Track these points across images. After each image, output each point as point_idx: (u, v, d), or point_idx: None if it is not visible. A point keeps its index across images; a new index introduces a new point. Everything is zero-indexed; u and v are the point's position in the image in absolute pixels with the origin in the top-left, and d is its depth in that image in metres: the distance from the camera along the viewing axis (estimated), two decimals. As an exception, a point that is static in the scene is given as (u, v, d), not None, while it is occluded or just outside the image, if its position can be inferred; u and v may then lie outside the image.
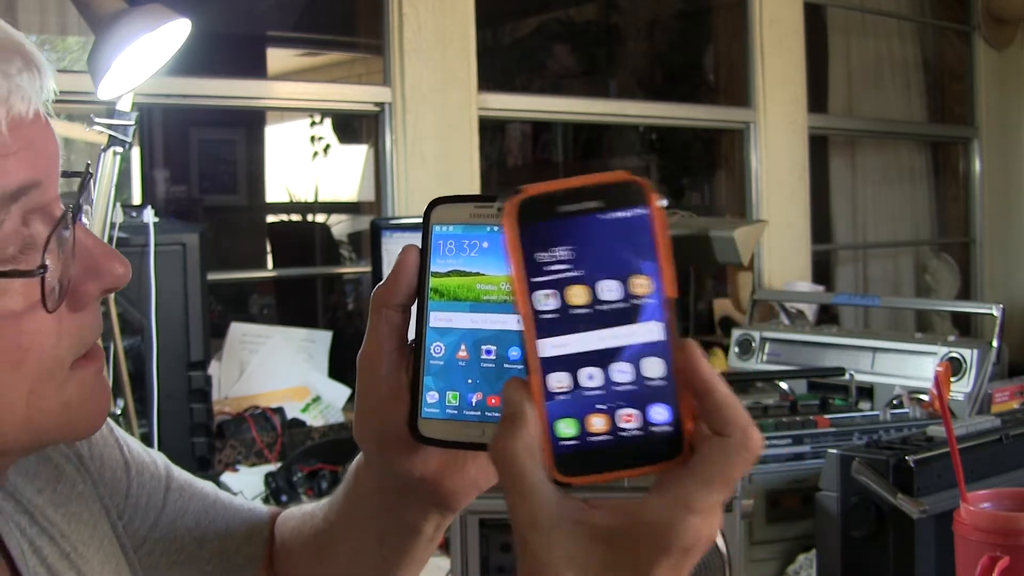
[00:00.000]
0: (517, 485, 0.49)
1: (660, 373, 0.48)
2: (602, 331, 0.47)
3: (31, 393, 0.60)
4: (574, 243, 0.47)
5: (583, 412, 0.48)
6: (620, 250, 0.47)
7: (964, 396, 1.99)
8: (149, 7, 1.59)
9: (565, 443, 0.48)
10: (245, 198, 5.04)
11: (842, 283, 4.22)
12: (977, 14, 4.30)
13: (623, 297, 0.47)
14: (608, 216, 0.47)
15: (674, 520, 0.48)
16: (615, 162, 5.29)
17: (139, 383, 1.84)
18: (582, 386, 0.48)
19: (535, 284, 0.47)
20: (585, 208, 0.47)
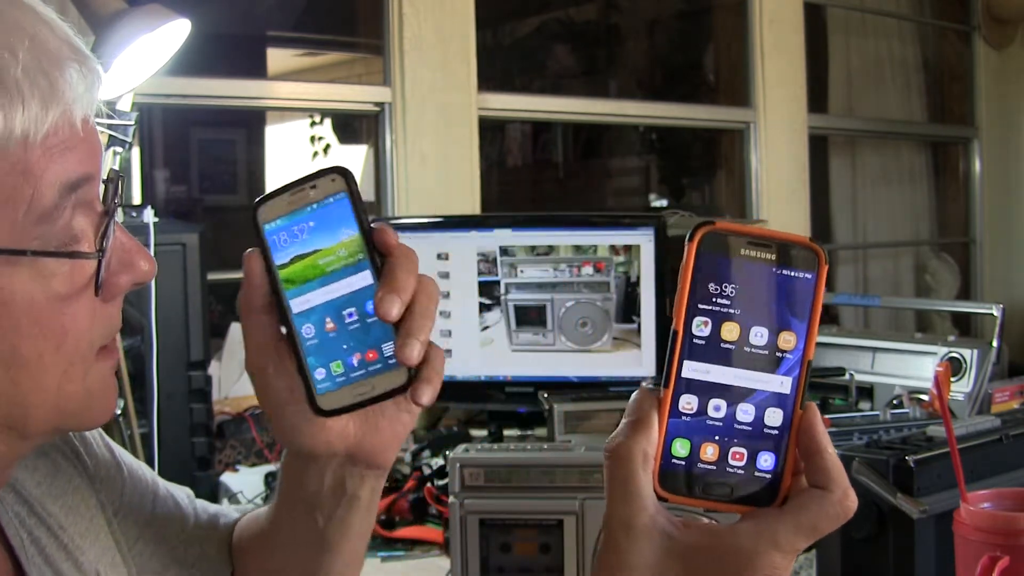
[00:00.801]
0: (624, 486, 0.51)
1: (778, 424, 0.51)
2: (741, 370, 0.50)
3: (63, 375, 0.62)
4: (742, 284, 0.50)
5: (700, 437, 0.51)
6: (780, 303, 0.50)
7: (964, 396, 1.99)
8: (149, 7, 1.59)
9: (675, 460, 0.51)
10: (245, 198, 5.04)
11: (842, 283, 4.22)
12: (977, 14, 4.30)
13: (769, 346, 0.50)
14: (780, 271, 0.50)
15: (758, 551, 0.51)
16: (615, 162, 5.29)
17: (139, 383, 1.84)
18: (707, 414, 0.51)
19: (696, 308, 0.50)
20: (762, 257, 0.50)
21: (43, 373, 0.61)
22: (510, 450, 1.30)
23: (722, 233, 0.50)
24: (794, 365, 0.50)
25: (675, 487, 0.52)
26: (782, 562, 0.51)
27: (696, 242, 0.50)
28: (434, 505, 1.76)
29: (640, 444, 0.51)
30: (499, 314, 2.34)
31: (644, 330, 2.29)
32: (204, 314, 1.91)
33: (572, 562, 1.24)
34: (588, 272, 2.31)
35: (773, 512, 0.52)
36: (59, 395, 0.63)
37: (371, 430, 0.69)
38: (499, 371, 2.36)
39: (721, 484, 0.52)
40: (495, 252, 2.33)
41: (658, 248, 2.28)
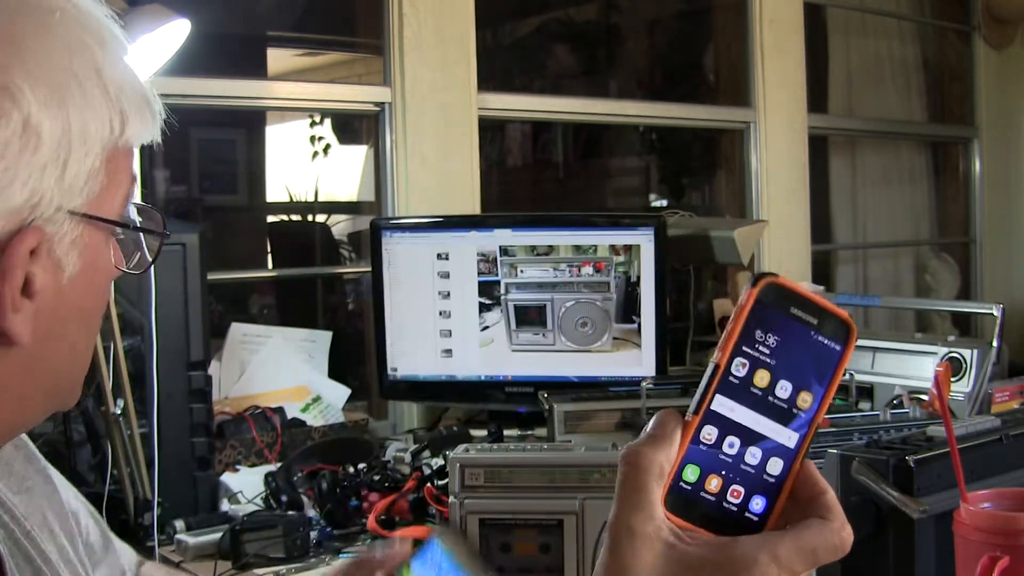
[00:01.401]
0: (637, 493, 0.54)
1: (777, 473, 0.56)
2: (761, 416, 0.54)
3: (88, 352, 0.70)
4: (783, 338, 0.54)
5: (709, 468, 0.54)
6: (808, 365, 0.54)
7: (964, 396, 1.99)
8: (149, 7, 1.59)
9: (682, 483, 0.54)
10: (245, 198, 5.04)
11: (842, 283, 4.22)
12: (977, 14, 4.30)
13: (790, 401, 0.54)
14: (816, 336, 0.54)
15: (759, 562, 0.53)
16: (615, 162, 5.30)
17: (139, 383, 1.84)
18: (721, 448, 0.54)
19: (739, 350, 0.54)
20: (806, 319, 0.54)
21: (87, 344, 0.69)
22: (510, 450, 1.30)
23: (780, 287, 0.54)
24: (804, 423, 0.55)
25: (675, 508, 0.55)
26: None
27: (757, 289, 0.54)
28: (434, 505, 1.76)
29: (659, 457, 0.54)
30: (499, 314, 2.34)
31: (644, 330, 2.29)
32: (204, 314, 1.91)
33: (572, 562, 1.24)
34: (588, 272, 2.31)
35: (777, 532, 0.54)
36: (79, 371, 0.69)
37: None
38: (499, 371, 2.36)
39: (715, 516, 0.55)
40: (495, 252, 2.33)
41: (658, 248, 2.28)
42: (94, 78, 0.63)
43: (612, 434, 1.81)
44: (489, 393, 2.38)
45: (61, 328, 0.65)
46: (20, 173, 0.59)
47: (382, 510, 1.77)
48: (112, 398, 1.74)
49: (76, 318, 0.66)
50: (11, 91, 0.58)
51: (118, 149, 0.65)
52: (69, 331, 0.66)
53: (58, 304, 0.64)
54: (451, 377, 2.38)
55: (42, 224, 0.61)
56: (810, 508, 0.56)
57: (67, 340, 0.67)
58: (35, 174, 0.59)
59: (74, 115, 0.61)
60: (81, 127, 0.61)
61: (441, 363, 2.37)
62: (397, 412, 2.64)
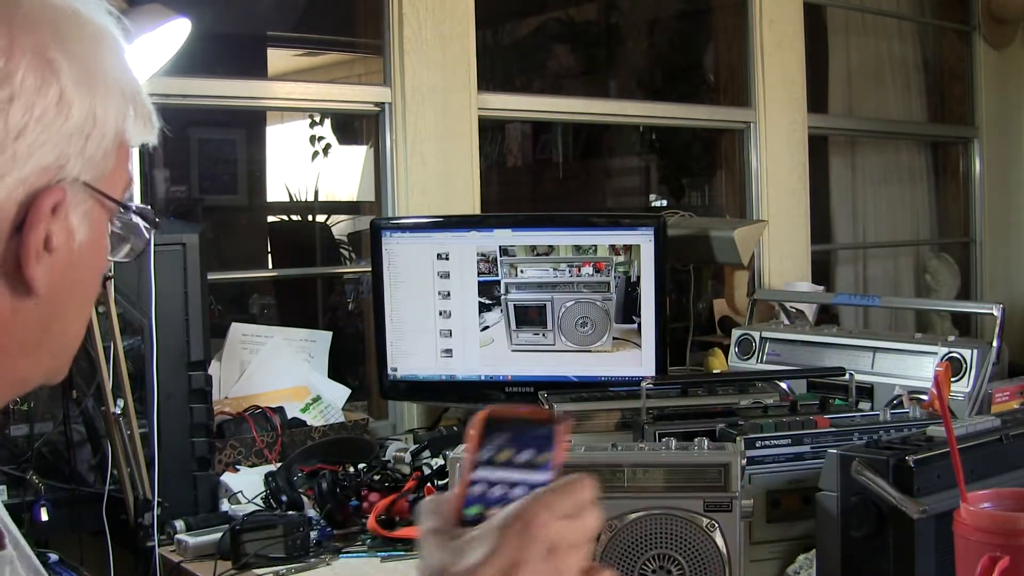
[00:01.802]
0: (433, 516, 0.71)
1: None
2: (515, 472, 0.71)
3: (82, 328, 0.76)
4: (513, 434, 0.73)
5: (488, 505, 0.71)
6: (537, 441, 0.72)
7: (964, 396, 1.99)
8: (149, 7, 1.59)
9: (469, 519, 0.70)
10: (245, 198, 5.03)
11: (842, 283, 4.21)
12: (977, 14, 4.30)
13: (531, 460, 0.72)
14: (533, 428, 0.73)
15: (525, 506, 0.68)
16: (615, 162, 5.30)
17: (139, 383, 1.84)
18: (491, 493, 0.71)
19: (483, 448, 0.72)
20: (524, 421, 0.73)
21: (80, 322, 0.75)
22: (510, 450, 1.30)
23: (498, 417, 0.73)
24: (548, 467, 0.71)
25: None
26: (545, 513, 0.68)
27: (482, 421, 0.72)
28: (434, 505, 1.76)
29: (436, 502, 0.71)
30: (499, 314, 2.34)
31: (644, 330, 2.29)
32: (204, 314, 1.91)
33: (572, 562, 1.24)
34: (588, 272, 2.31)
35: None
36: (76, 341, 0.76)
37: None
38: (499, 371, 2.36)
39: None
40: (495, 252, 2.33)
41: (658, 248, 2.28)
42: (113, 74, 0.72)
43: (612, 434, 1.80)
44: (489, 393, 2.38)
45: (68, 292, 0.72)
46: (52, 136, 0.67)
47: (382, 510, 1.77)
48: (112, 398, 1.74)
49: (79, 287, 0.73)
50: (54, 66, 0.67)
51: (123, 142, 0.73)
52: (74, 297, 0.73)
53: (68, 266, 0.70)
54: (451, 377, 2.38)
55: (66, 187, 0.68)
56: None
57: (72, 306, 0.73)
58: (63, 140, 0.68)
59: (98, 100, 0.70)
60: (102, 112, 0.70)
61: (441, 363, 2.37)
62: (397, 412, 2.64)
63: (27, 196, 0.67)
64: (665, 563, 1.22)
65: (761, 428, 1.46)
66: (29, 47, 0.66)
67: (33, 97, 0.66)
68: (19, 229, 0.67)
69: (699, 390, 1.86)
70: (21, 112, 0.66)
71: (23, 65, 0.66)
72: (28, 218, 0.67)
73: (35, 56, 0.67)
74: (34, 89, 0.66)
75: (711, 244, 2.68)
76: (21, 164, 0.66)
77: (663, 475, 1.23)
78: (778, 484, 1.43)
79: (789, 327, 2.51)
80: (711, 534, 1.21)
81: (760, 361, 2.35)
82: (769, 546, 1.44)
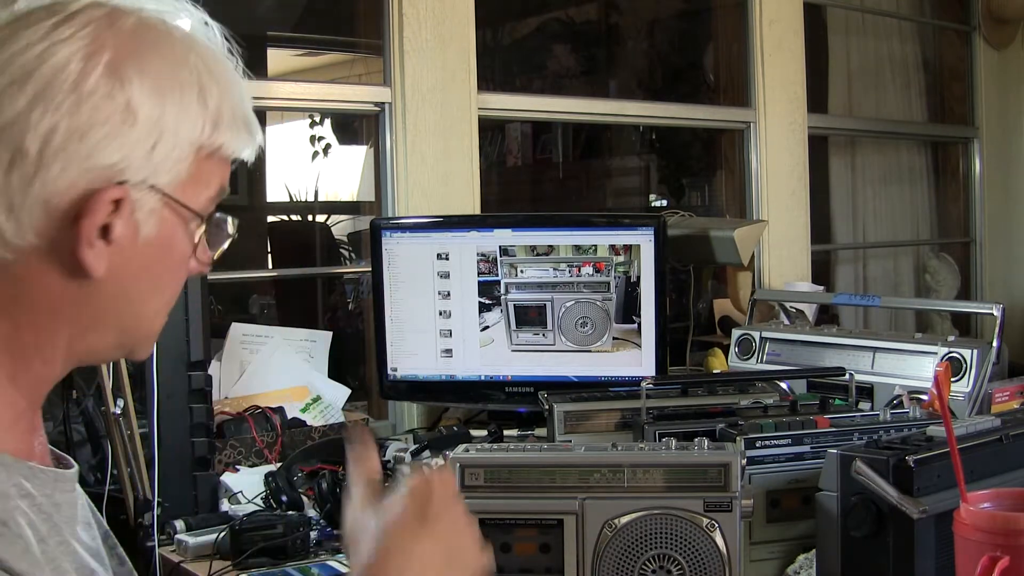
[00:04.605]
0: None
1: None
2: None
3: (156, 314, 0.85)
4: None
5: None
6: None
7: (964, 396, 1.99)
8: (149, 7, 1.58)
9: None
10: (245, 198, 5.03)
11: (842, 283, 4.21)
12: (977, 14, 4.30)
13: None
14: None
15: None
16: (615, 162, 5.29)
17: (139, 383, 1.84)
18: None
19: None
20: None
21: (162, 309, 0.84)
22: (510, 450, 1.30)
23: None
24: None
25: None
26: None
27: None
28: (434, 505, 1.76)
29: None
30: (499, 314, 2.34)
31: (644, 330, 2.29)
32: (204, 314, 1.91)
33: (572, 562, 1.24)
34: (588, 272, 2.31)
35: None
36: (150, 324, 0.85)
37: None
38: (499, 371, 2.36)
39: None
40: (495, 252, 2.33)
41: (658, 248, 2.28)
42: (194, 89, 0.79)
43: (612, 434, 1.80)
44: (489, 393, 2.38)
45: (132, 281, 0.80)
46: (116, 140, 0.75)
47: (382, 510, 1.77)
48: (112, 398, 1.74)
49: (146, 280, 0.81)
50: (122, 80, 0.75)
51: (212, 155, 0.82)
52: (140, 287, 0.81)
53: (131, 258, 0.78)
54: (451, 377, 2.38)
55: (128, 186, 0.76)
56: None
57: (137, 294, 0.81)
58: (127, 144, 0.75)
59: (169, 111, 0.77)
60: (174, 123, 0.77)
61: (441, 363, 2.37)
62: (397, 412, 2.64)
63: (88, 190, 0.75)
64: (665, 563, 1.22)
65: (761, 428, 1.46)
66: (109, 58, 0.75)
67: (100, 102, 0.74)
68: (77, 219, 0.75)
69: (699, 390, 1.86)
70: (88, 114, 0.74)
71: (96, 73, 0.74)
72: (86, 209, 0.75)
73: (110, 67, 0.75)
74: (104, 95, 0.74)
75: (711, 244, 2.68)
76: (83, 160, 0.74)
77: (663, 475, 1.23)
78: (778, 484, 1.43)
79: (789, 327, 2.51)
80: (711, 534, 1.21)
81: (760, 361, 2.35)
82: (769, 546, 1.44)
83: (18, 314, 0.77)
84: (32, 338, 0.78)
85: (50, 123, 0.73)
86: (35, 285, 0.77)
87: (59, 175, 0.74)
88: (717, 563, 1.21)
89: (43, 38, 0.74)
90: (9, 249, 0.75)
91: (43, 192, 0.74)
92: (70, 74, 0.73)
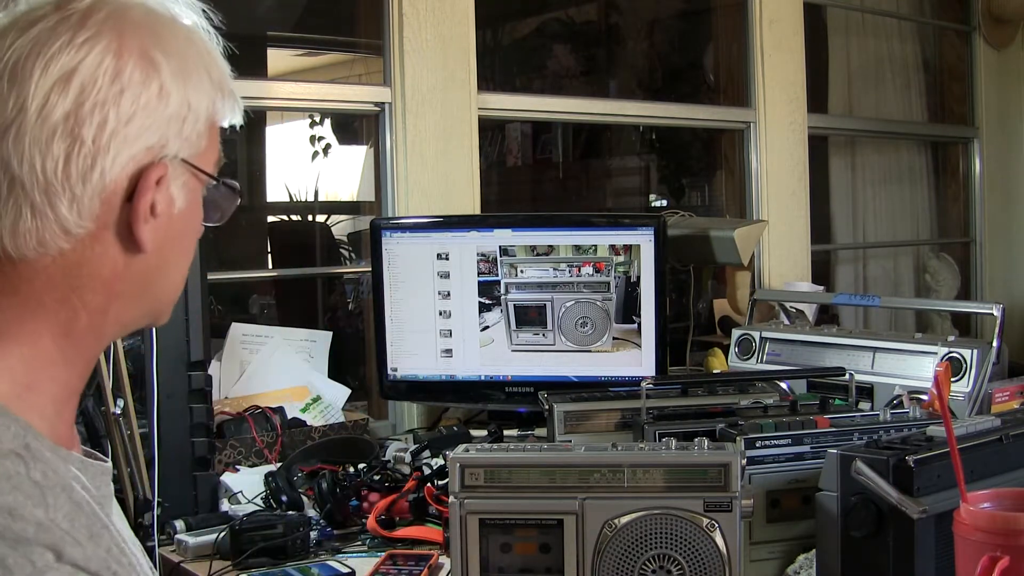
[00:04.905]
0: None
1: None
2: None
3: (182, 279, 0.91)
4: None
5: None
6: None
7: (964, 396, 1.99)
8: (149, 7, 1.58)
9: None
10: (245, 198, 5.01)
11: (842, 283, 4.22)
12: (977, 14, 4.30)
13: None
14: None
15: None
16: (615, 162, 5.29)
17: (139, 383, 1.84)
18: None
19: None
20: None
21: (181, 272, 0.90)
22: (510, 450, 1.30)
23: None
24: None
25: None
26: None
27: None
28: (434, 505, 1.76)
29: None
30: (499, 314, 2.34)
31: (644, 330, 2.30)
32: (204, 314, 1.91)
33: (572, 562, 1.24)
34: (588, 272, 2.31)
35: None
36: (178, 289, 0.91)
37: None
38: (499, 371, 2.36)
39: None
40: (495, 252, 2.33)
41: (658, 248, 2.28)
42: (203, 67, 0.86)
43: (612, 434, 1.80)
44: (489, 393, 2.38)
45: (169, 250, 0.87)
46: (155, 121, 0.82)
47: (382, 510, 1.77)
48: (112, 398, 1.74)
49: (178, 246, 0.88)
50: (155, 63, 0.82)
51: (215, 124, 0.89)
52: (174, 254, 0.88)
53: (170, 229, 0.85)
54: (451, 377, 2.38)
55: (167, 162, 0.83)
56: None
57: (172, 262, 0.88)
58: (164, 124, 0.82)
59: (191, 90, 0.84)
60: (195, 100, 0.84)
61: (441, 363, 2.37)
62: (397, 412, 2.64)
63: (136, 171, 0.81)
64: (665, 563, 1.22)
65: (761, 428, 1.46)
66: (136, 48, 0.81)
67: (139, 89, 0.80)
68: (130, 198, 0.82)
69: (699, 390, 1.86)
70: (130, 102, 0.80)
71: (130, 64, 0.80)
72: (138, 188, 0.81)
73: (140, 56, 0.81)
74: (140, 83, 0.80)
75: (711, 244, 2.68)
76: (131, 144, 0.80)
77: (663, 475, 1.23)
78: (778, 484, 1.43)
79: (789, 327, 2.51)
80: (711, 534, 1.21)
81: (760, 361, 2.35)
82: (769, 546, 1.44)
83: (76, 299, 0.82)
84: (87, 319, 0.83)
85: (101, 115, 0.79)
86: (91, 268, 0.82)
87: (114, 161, 0.80)
88: (717, 563, 1.21)
89: (70, 41, 0.79)
90: (69, 239, 0.80)
91: (101, 179, 0.80)
92: (107, 68, 0.79)
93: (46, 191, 0.78)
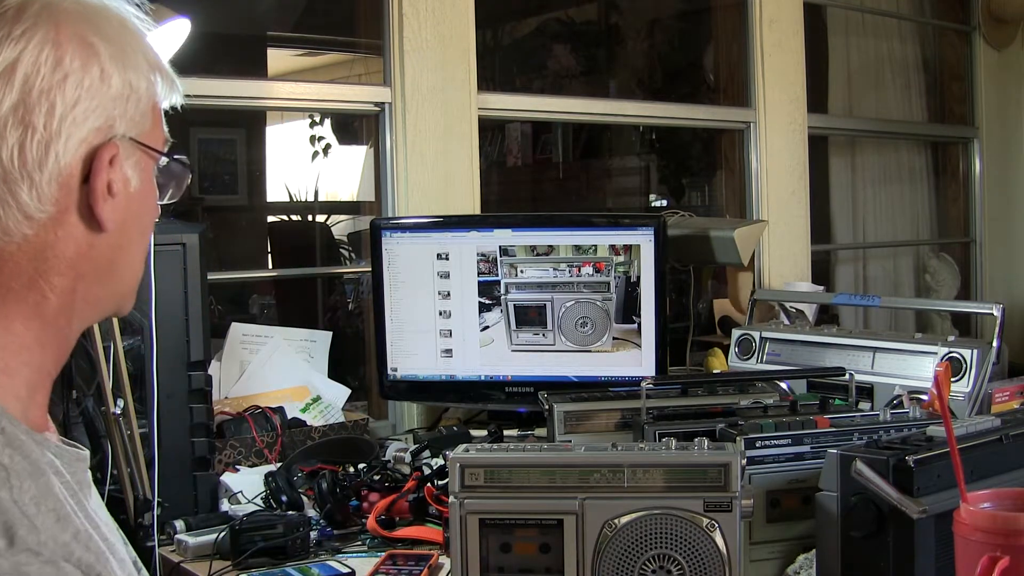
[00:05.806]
0: None
1: None
2: None
3: (140, 263, 0.93)
4: None
5: None
6: None
7: (964, 396, 1.99)
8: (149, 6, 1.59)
9: None
10: (245, 198, 5.03)
11: (842, 283, 4.22)
12: (977, 14, 4.30)
13: None
14: None
15: None
16: (615, 162, 5.29)
17: (139, 383, 1.84)
18: None
19: None
20: None
21: (138, 256, 0.93)
22: (510, 450, 1.30)
23: None
24: None
25: None
26: None
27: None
28: (434, 505, 1.76)
29: None
30: (499, 314, 2.34)
31: (644, 330, 2.30)
32: (204, 314, 1.91)
33: (572, 562, 1.24)
34: (588, 272, 2.31)
35: None
36: (140, 270, 0.94)
37: None
38: (499, 371, 2.36)
39: None
40: (495, 252, 2.33)
41: (658, 248, 2.28)
42: (139, 50, 0.89)
43: (612, 434, 1.80)
44: (489, 393, 2.38)
45: (131, 227, 0.89)
46: (100, 103, 0.85)
47: (382, 510, 1.77)
48: (112, 398, 1.74)
49: (138, 224, 0.91)
50: (95, 49, 0.85)
51: (156, 104, 0.92)
52: (135, 232, 0.91)
53: (128, 208, 0.88)
54: (451, 377, 2.38)
55: (117, 142, 0.86)
56: None
57: (130, 242, 0.90)
58: (109, 105, 0.85)
59: (131, 71, 0.87)
60: (136, 80, 0.88)
61: (441, 363, 2.37)
62: (397, 412, 2.64)
63: (89, 152, 0.84)
64: (665, 563, 1.22)
65: (761, 428, 1.46)
66: (73, 35, 0.84)
67: (81, 74, 0.83)
68: (86, 179, 0.84)
69: (699, 390, 1.86)
70: (74, 87, 0.83)
71: (70, 50, 0.83)
72: (92, 169, 0.84)
73: (79, 42, 0.84)
74: (81, 68, 0.83)
75: (711, 244, 2.68)
76: (80, 127, 0.83)
77: (663, 475, 1.23)
78: (778, 484, 1.43)
79: (789, 327, 2.51)
80: (711, 534, 1.21)
81: (760, 361, 2.35)
82: (769, 546, 1.44)
83: (43, 282, 0.84)
84: (56, 301, 0.85)
85: (48, 101, 0.82)
86: (56, 251, 0.84)
87: (66, 144, 0.83)
88: (717, 563, 1.21)
89: (8, 35, 0.82)
90: (32, 224, 0.82)
91: (57, 163, 0.82)
92: (47, 57, 0.82)
93: (5, 180, 0.81)
